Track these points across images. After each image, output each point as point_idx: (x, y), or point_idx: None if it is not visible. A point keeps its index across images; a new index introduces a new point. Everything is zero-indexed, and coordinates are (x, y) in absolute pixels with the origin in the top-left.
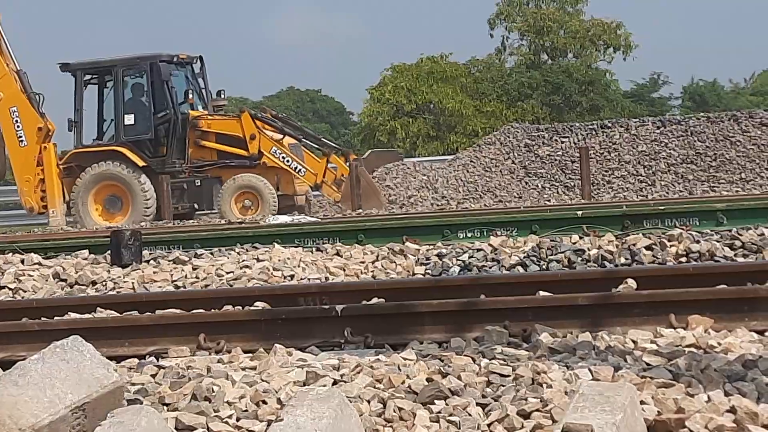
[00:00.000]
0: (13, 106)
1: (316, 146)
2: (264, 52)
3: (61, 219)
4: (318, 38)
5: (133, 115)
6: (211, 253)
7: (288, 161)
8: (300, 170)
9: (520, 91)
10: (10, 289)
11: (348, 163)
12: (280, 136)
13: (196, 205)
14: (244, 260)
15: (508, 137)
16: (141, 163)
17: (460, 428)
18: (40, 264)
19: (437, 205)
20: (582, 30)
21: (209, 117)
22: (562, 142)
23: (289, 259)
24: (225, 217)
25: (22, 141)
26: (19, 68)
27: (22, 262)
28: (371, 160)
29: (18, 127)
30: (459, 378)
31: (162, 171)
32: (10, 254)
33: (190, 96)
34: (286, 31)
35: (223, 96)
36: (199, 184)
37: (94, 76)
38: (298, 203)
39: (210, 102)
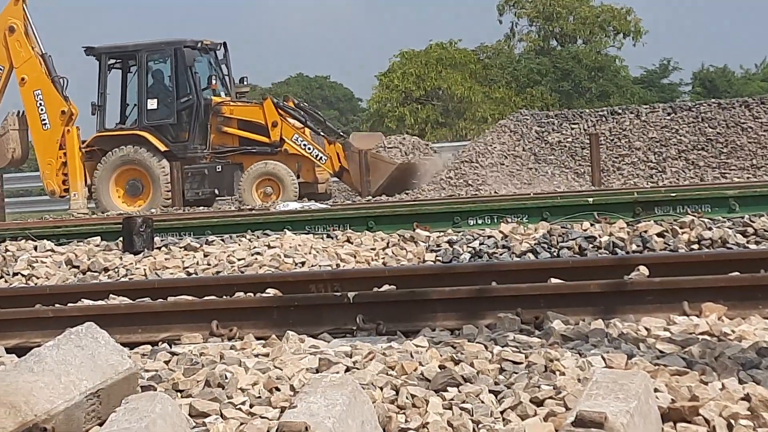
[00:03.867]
0: (37, 89)
1: (331, 135)
2: (272, 38)
3: (82, 202)
4: (326, 24)
5: (156, 100)
6: (223, 240)
7: (309, 149)
8: (321, 158)
9: (529, 77)
10: (23, 275)
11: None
12: (301, 125)
13: (216, 191)
14: (255, 247)
15: (518, 124)
16: (162, 148)
17: (473, 415)
18: (52, 251)
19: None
20: (591, 16)
21: (232, 103)
22: (572, 129)
23: (300, 246)
24: (245, 204)
25: (45, 124)
26: (44, 51)
27: (35, 248)
28: (355, 143)
29: (42, 110)
30: (472, 365)
31: (183, 156)
32: (23, 241)
33: (214, 82)
34: (293, 17)
35: (245, 83)
36: (219, 170)
37: (118, 61)
38: (319, 191)
39: (233, 88)
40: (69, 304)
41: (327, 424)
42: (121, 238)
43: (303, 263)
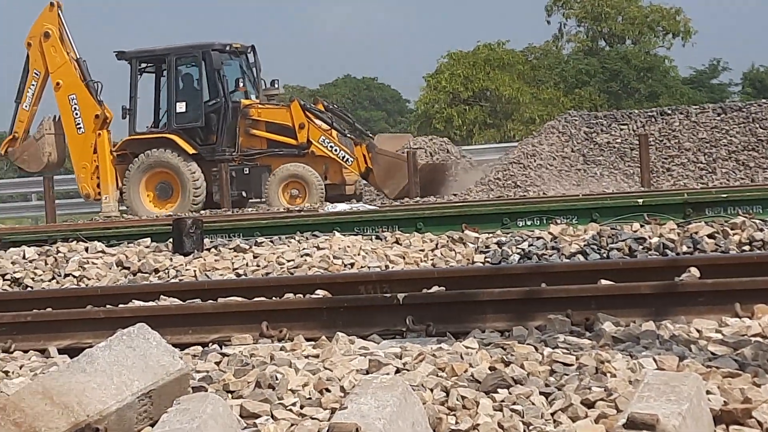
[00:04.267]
0: (72, 94)
1: (359, 137)
2: (320, 40)
3: (113, 205)
4: (374, 26)
5: (184, 103)
6: (272, 242)
7: (336, 150)
8: (347, 159)
9: (578, 78)
10: (74, 277)
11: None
12: (328, 126)
13: (243, 193)
14: (304, 248)
15: (566, 125)
16: (191, 151)
17: (523, 417)
18: (103, 252)
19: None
20: (640, 16)
21: (260, 106)
22: (621, 130)
23: (349, 247)
24: (272, 206)
25: (80, 128)
26: (78, 56)
27: (86, 250)
28: (381, 144)
29: (76, 114)
30: (522, 367)
31: (211, 159)
32: (74, 242)
33: (242, 84)
34: (342, 19)
35: (276, 86)
36: (247, 172)
37: (149, 65)
38: (347, 192)
39: (262, 91)
40: (120, 305)
41: (377, 425)
42: (171, 240)
43: (352, 264)
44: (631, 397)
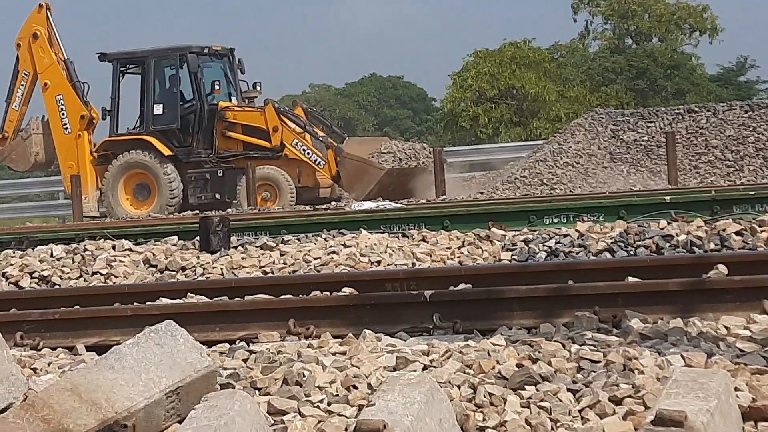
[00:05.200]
0: (59, 94)
1: (338, 140)
2: (346, 39)
3: (93, 206)
4: (400, 24)
5: (161, 105)
6: (298, 239)
7: (308, 153)
8: (320, 163)
9: (604, 75)
10: (101, 274)
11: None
12: (301, 130)
13: (218, 195)
14: (331, 246)
15: (593, 123)
16: (167, 153)
17: (551, 414)
18: (130, 250)
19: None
20: (667, 13)
21: (236, 108)
22: (648, 127)
23: (375, 245)
24: (243, 208)
25: (66, 128)
26: (66, 57)
27: (113, 248)
28: (348, 148)
29: (63, 114)
30: (549, 364)
31: (187, 160)
32: (102, 240)
33: (218, 87)
34: (367, 17)
35: (258, 88)
36: (221, 174)
37: (131, 66)
38: (321, 195)
39: (242, 94)
40: (147, 303)
41: (405, 422)
42: (197, 238)
43: (379, 262)
44: (658, 394)
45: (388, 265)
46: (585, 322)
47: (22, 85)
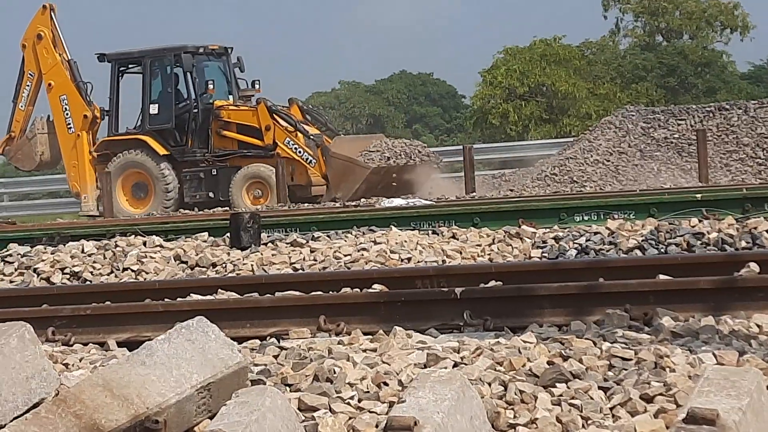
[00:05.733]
0: (62, 95)
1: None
2: (376, 36)
3: (92, 204)
4: (430, 21)
5: (157, 105)
6: (328, 236)
7: (300, 152)
8: (310, 161)
9: (635, 73)
10: (132, 271)
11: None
12: (293, 128)
13: (211, 194)
14: (361, 243)
15: (623, 120)
16: (162, 152)
17: (582, 411)
18: (161, 246)
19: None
20: (698, 11)
21: (231, 107)
22: (679, 125)
23: (405, 242)
24: (235, 206)
25: (70, 128)
26: (70, 58)
27: (144, 244)
28: (335, 147)
29: (67, 114)
30: (580, 361)
31: (182, 159)
32: (132, 237)
33: (211, 86)
34: (397, 14)
35: (257, 86)
36: (215, 173)
37: (130, 66)
38: (313, 193)
39: (240, 92)
40: (178, 299)
41: (436, 418)
42: (228, 234)
43: (409, 259)
44: (690, 392)
45: (419, 262)
46: (616, 319)
47: (28, 86)
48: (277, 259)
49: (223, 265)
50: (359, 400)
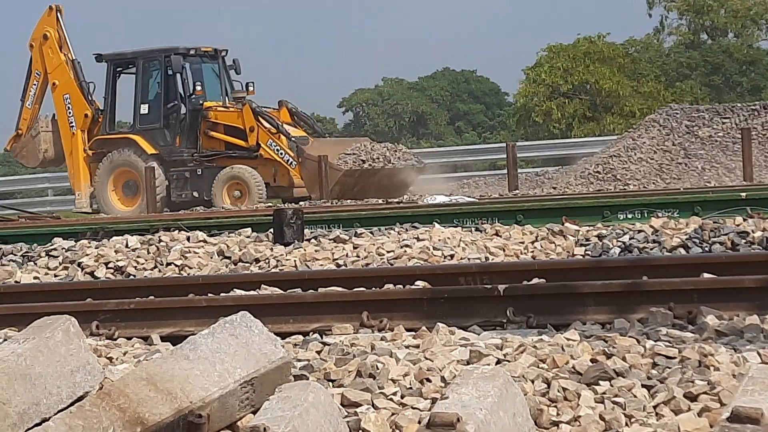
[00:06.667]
0: (66, 94)
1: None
2: (419, 33)
3: (86, 202)
4: (473, 18)
5: (148, 105)
6: (371, 233)
7: (282, 154)
8: (291, 163)
9: (679, 71)
10: (176, 265)
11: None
12: (276, 130)
13: (195, 194)
14: (404, 239)
15: (667, 118)
16: (151, 151)
17: (625, 409)
18: (204, 241)
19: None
20: (743, 9)
21: (219, 109)
22: (723, 123)
23: (448, 238)
24: (216, 206)
25: (72, 126)
26: (74, 57)
27: (188, 239)
28: (310, 149)
29: (69, 113)
30: (624, 359)
31: (170, 159)
32: (176, 232)
33: (199, 88)
34: (441, 11)
35: (251, 89)
36: (200, 173)
37: (126, 67)
38: (296, 195)
39: (232, 93)
40: (221, 294)
41: (479, 415)
42: (271, 230)
43: (452, 256)
44: (734, 391)
45: (461, 259)
46: (660, 318)
47: (35, 85)
48: (320, 255)
49: (267, 260)
50: (402, 396)
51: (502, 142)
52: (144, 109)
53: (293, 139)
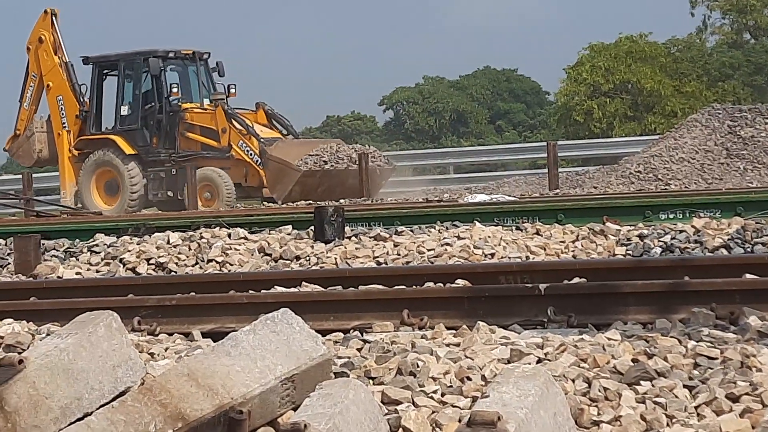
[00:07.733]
0: (59, 95)
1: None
2: (460, 31)
3: (70, 200)
4: (514, 17)
5: (128, 106)
6: (412, 231)
7: (251, 154)
8: (261, 164)
9: (721, 71)
10: (217, 262)
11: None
12: (246, 132)
13: (170, 194)
14: (444, 238)
15: (710, 118)
16: (129, 151)
17: (666, 410)
18: (245, 238)
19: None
20: None
21: (195, 110)
22: (766, 124)
23: (489, 237)
24: (188, 207)
25: (65, 127)
26: (67, 60)
27: (229, 236)
28: (274, 150)
29: (62, 114)
30: (665, 359)
31: (147, 159)
32: (217, 228)
33: (174, 89)
34: (483, 10)
35: (233, 91)
36: (174, 173)
37: (111, 69)
38: (265, 195)
39: (212, 95)
40: (262, 291)
41: (519, 414)
42: (312, 227)
43: (492, 255)
44: None
45: (502, 257)
46: (702, 318)
47: (31, 86)
48: (360, 253)
49: (307, 258)
50: (442, 395)
51: (542, 141)
52: (124, 110)
53: (262, 140)
